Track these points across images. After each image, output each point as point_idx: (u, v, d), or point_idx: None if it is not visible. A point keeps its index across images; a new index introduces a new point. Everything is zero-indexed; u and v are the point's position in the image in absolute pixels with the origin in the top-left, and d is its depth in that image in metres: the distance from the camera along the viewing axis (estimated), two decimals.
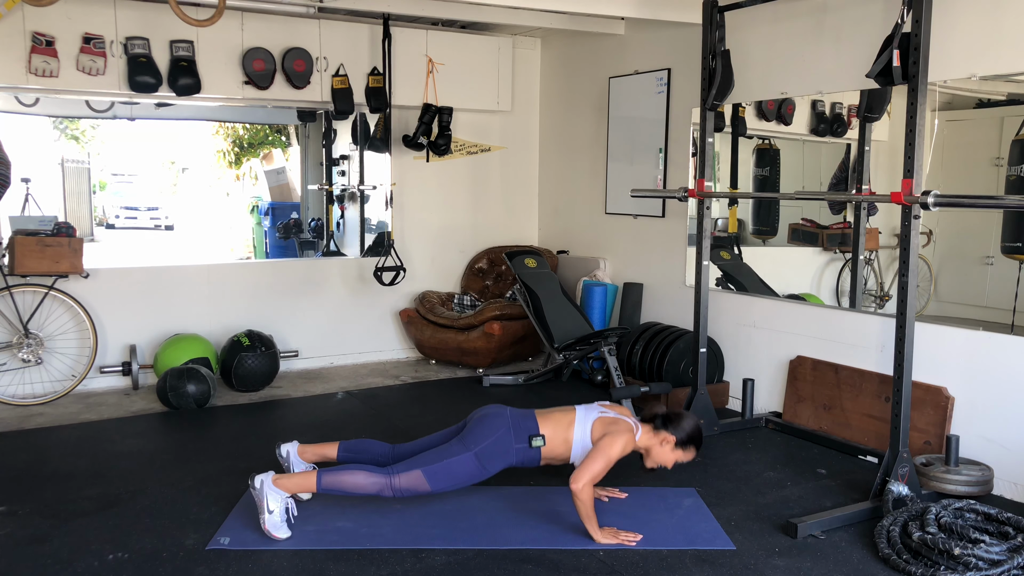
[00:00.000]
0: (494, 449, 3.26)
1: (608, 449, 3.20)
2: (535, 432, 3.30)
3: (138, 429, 4.65)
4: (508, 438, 3.28)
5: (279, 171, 10.91)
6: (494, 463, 3.27)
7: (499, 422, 3.31)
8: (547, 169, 6.96)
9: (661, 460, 3.36)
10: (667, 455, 3.35)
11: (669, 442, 3.33)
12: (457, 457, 3.23)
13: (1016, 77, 3.84)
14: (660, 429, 3.34)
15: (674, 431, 3.33)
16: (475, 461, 3.24)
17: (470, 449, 3.25)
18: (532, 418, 3.36)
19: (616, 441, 3.22)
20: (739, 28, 4.74)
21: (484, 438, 3.27)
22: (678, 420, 3.35)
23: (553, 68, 6.79)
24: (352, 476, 3.23)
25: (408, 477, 3.21)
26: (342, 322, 6.27)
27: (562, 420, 3.35)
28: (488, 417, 3.35)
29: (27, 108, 6.76)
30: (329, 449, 3.55)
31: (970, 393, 3.85)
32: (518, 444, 3.28)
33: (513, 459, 3.30)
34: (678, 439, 3.33)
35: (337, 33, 5.88)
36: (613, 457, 3.21)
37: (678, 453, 3.36)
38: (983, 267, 4.83)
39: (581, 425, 3.32)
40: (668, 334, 5.17)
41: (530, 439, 3.29)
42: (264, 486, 3.15)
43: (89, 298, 5.33)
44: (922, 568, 2.89)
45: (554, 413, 3.40)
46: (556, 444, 3.31)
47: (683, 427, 3.34)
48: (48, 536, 3.20)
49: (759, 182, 5.52)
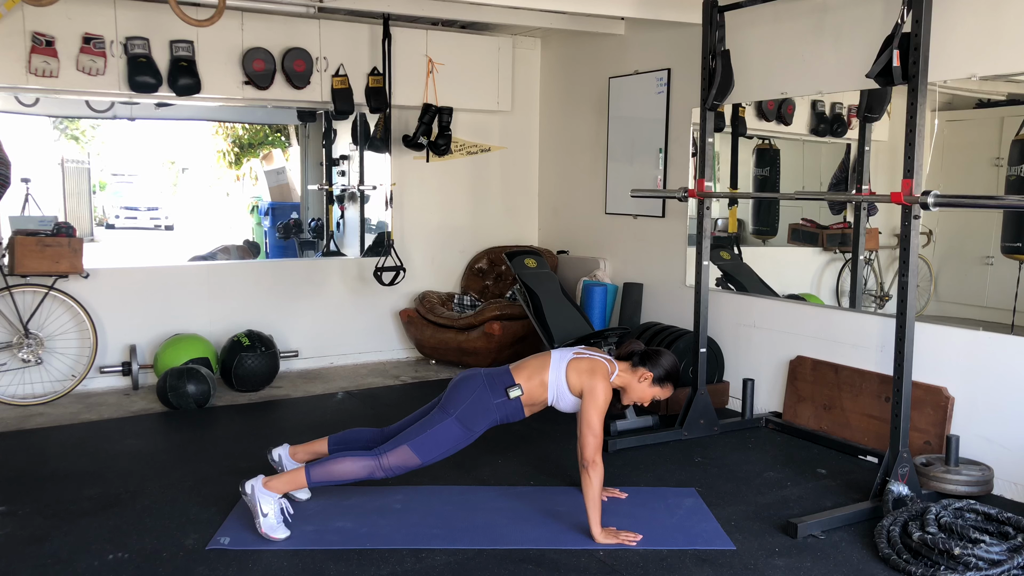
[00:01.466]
0: (474, 409, 3.29)
1: (592, 402, 3.21)
2: (511, 383, 3.32)
3: (138, 429, 4.65)
4: (486, 395, 3.30)
5: (279, 171, 10.91)
6: (478, 422, 3.30)
7: (474, 382, 3.34)
8: (547, 169, 6.96)
9: (638, 396, 3.37)
10: (645, 391, 3.36)
11: (647, 378, 3.35)
12: (440, 425, 3.27)
13: (1016, 77, 3.84)
14: (638, 366, 3.36)
15: (652, 367, 3.35)
16: (458, 425, 3.27)
17: (451, 414, 3.28)
18: (506, 371, 3.38)
19: (595, 390, 3.23)
20: (739, 28, 4.74)
21: (463, 400, 3.30)
22: (656, 356, 3.37)
23: (553, 68, 6.79)
24: (340, 464, 3.24)
25: (396, 454, 3.24)
26: (342, 322, 6.27)
27: (536, 364, 3.38)
28: (463, 380, 3.39)
29: (27, 108, 6.77)
30: (319, 445, 3.56)
31: (970, 393, 3.85)
32: (496, 399, 3.30)
33: (496, 415, 3.32)
34: (656, 375, 3.35)
35: (337, 33, 5.88)
36: (601, 405, 3.22)
37: (655, 389, 3.38)
38: (983, 267, 4.83)
39: (556, 366, 3.34)
40: (668, 334, 5.17)
41: (507, 390, 3.31)
42: (255, 491, 3.15)
43: (89, 298, 5.34)
44: (922, 568, 2.89)
45: (528, 361, 3.43)
46: (533, 388, 3.33)
47: (661, 363, 3.36)
48: (48, 536, 3.20)
49: (759, 182, 5.52)
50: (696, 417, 4.51)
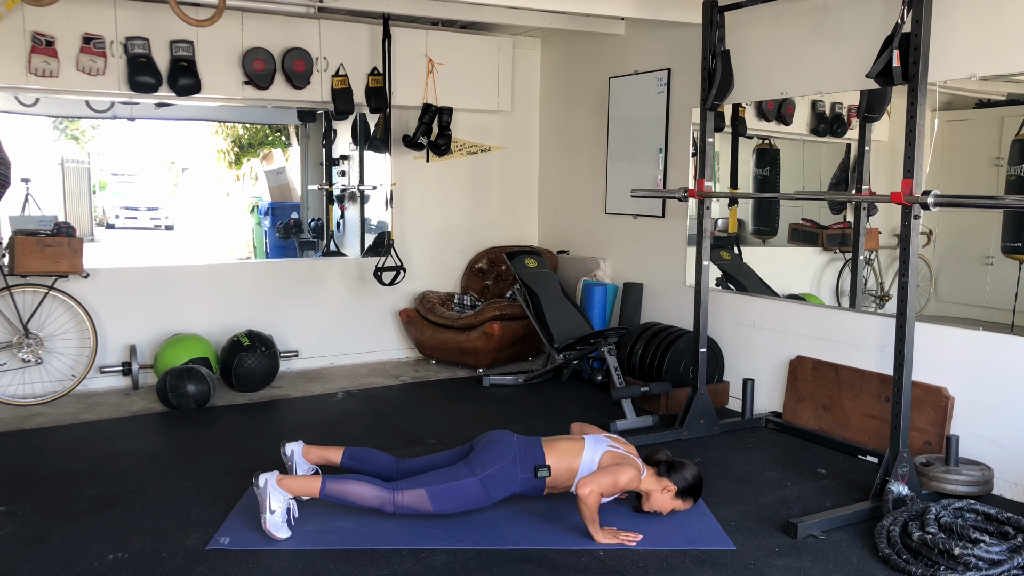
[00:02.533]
0: (499, 476, 3.27)
1: (618, 472, 3.24)
2: (541, 463, 3.30)
3: (138, 429, 4.65)
4: (514, 467, 3.29)
5: (279, 171, 10.91)
6: (498, 490, 3.28)
7: (506, 450, 3.31)
8: (547, 169, 6.96)
9: (659, 506, 3.38)
10: (666, 502, 3.37)
11: (670, 491, 3.35)
12: (462, 481, 3.24)
13: (1016, 77, 3.84)
14: (663, 476, 3.36)
15: (676, 480, 3.35)
16: (480, 487, 3.25)
17: (476, 474, 3.25)
18: (539, 447, 3.35)
19: (627, 470, 3.26)
20: (739, 28, 4.74)
21: (490, 464, 3.28)
22: (681, 469, 3.37)
23: (553, 68, 6.79)
24: (356, 487, 3.24)
25: (412, 495, 3.23)
26: (342, 322, 6.27)
27: (569, 450, 3.35)
28: (495, 444, 3.35)
29: (27, 108, 6.77)
30: (333, 453, 3.55)
31: (970, 393, 3.85)
32: (524, 474, 3.29)
33: (517, 488, 3.32)
34: (679, 488, 3.36)
35: (337, 33, 5.88)
36: (620, 482, 3.24)
37: (677, 502, 3.38)
38: (983, 267, 4.84)
39: (588, 458, 3.32)
40: (668, 334, 5.17)
41: (536, 469, 3.29)
42: (268, 485, 3.16)
43: (89, 298, 5.34)
44: (922, 568, 2.89)
45: (561, 443, 3.40)
46: (560, 472, 3.32)
47: (685, 476, 3.36)
48: (48, 536, 3.20)
49: (759, 182, 5.52)
50: (696, 417, 4.51)
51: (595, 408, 5.08)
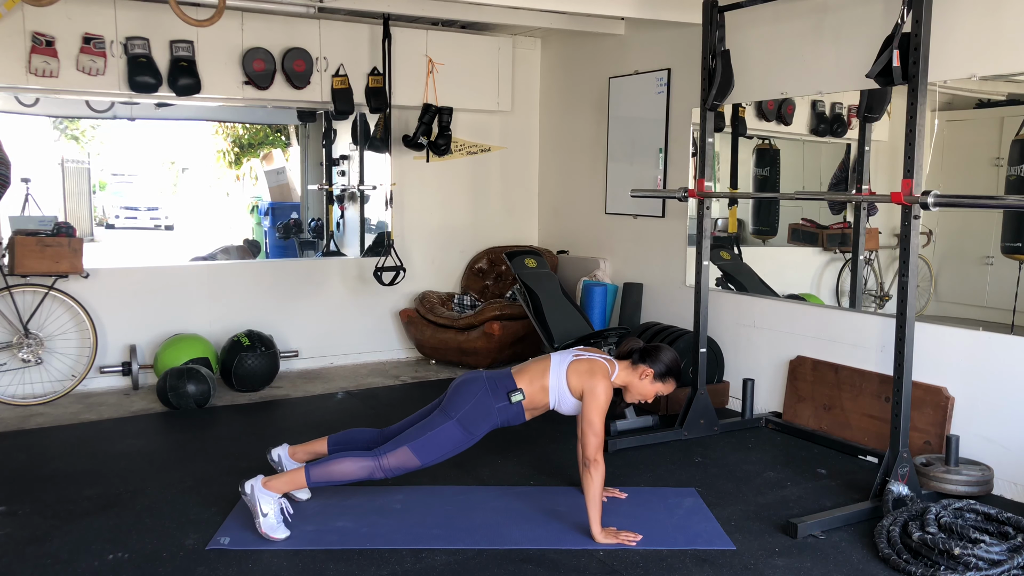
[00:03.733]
0: (476, 412, 3.29)
1: (594, 402, 3.22)
2: (513, 388, 3.33)
3: (138, 429, 4.65)
4: (487, 399, 3.31)
5: (279, 171, 10.91)
6: (478, 426, 3.30)
7: (476, 386, 3.35)
8: (547, 169, 6.96)
9: (640, 394, 3.37)
10: (647, 388, 3.36)
11: (648, 375, 3.35)
12: (441, 427, 3.27)
13: (1016, 77, 3.84)
14: (638, 363, 3.36)
15: (652, 364, 3.35)
16: (459, 427, 3.27)
17: (452, 417, 3.28)
18: (508, 375, 3.38)
19: (596, 390, 3.24)
20: (739, 28, 4.74)
21: (464, 403, 3.30)
22: (656, 352, 3.37)
23: (553, 68, 6.79)
24: (340, 464, 3.24)
25: (396, 456, 3.24)
26: (342, 322, 6.27)
27: (537, 369, 3.38)
28: (465, 383, 3.39)
29: (27, 108, 6.77)
30: (319, 445, 3.56)
31: (970, 393, 3.85)
32: (498, 403, 3.31)
33: (496, 419, 3.33)
34: (656, 371, 3.35)
35: (337, 33, 5.88)
36: (602, 405, 3.23)
37: (657, 385, 3.37)
38: (983, 267, 4.83)
39: (556, 370, 3.34)
40: (668, 334, 5.17)
41: (509, 395, 3.31)
42: (255, 490, 3.16)
43: (89, 298, 5.34)
44: (922, 568, 2.89)
45: (529, 365, 3.43)
46: (534, 392, 3.34)
47: (661, 359, 3.35)
48: (48, 536, 3.20)
49: (759, 182, 5.52)
50: (696, 417, 4.51)
51: None
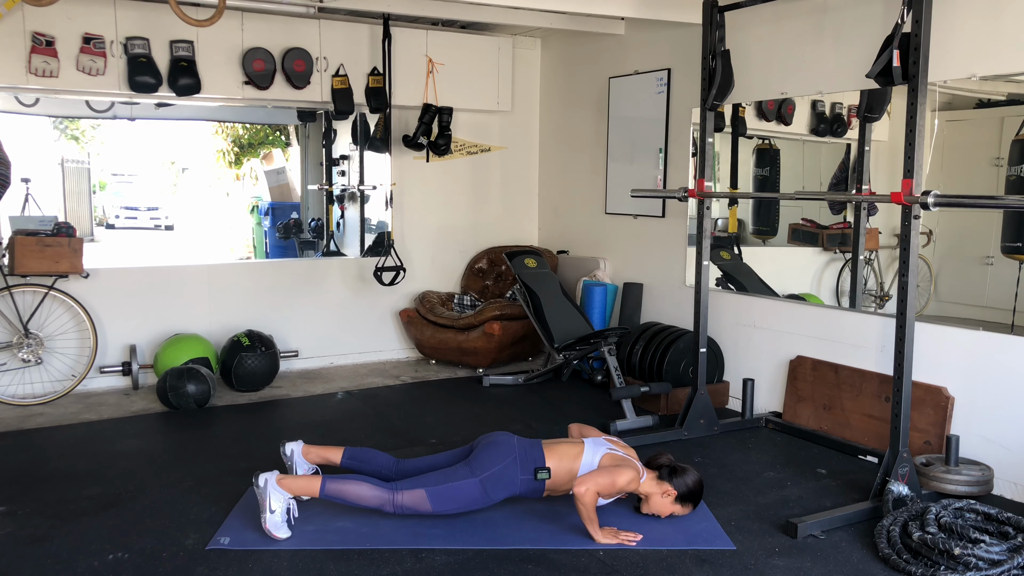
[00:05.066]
0: (499, 478, 3.27)
1: (616, 473, 3.24)
2: (541, 464, 3.31)
3: (138, 429, 4.65)
4: (514, 469, 3.29)
5: (279, 171, 10.91)
6: (498, 491, 3.29)
7: (506, 451, 3.32)
8: (547, 169, 6.96)
9: (658, 509, 3.38)
10: (666, 506, 3.37)
11: (670, 495, 3.35)
12: (462, 482, 3.25)
13: (1016, 77, 3.84)
14: (664, 480, 3.36)
15: (677, 485, 3.35)
16: (479, 487, 3.25)
17: (476, 475, 3.26)
18: (539, 449, 3.36)
19: (625, 472, 3.26)
20: (739, 28, 4.74)
21: (491, 466, 3.28)
22: (682, 474, 3.37)
23: (553, 68, 6.79)
24: (356, 487, 3.24)
25: (411, 495, 3.23)
26: (342, 322, 6.27)
27: (569, 452, 3.36)
28: (496, 445, 3.36)
29: (27, 108, 6.76)
30: (333, 453, 3.56)
31: (970, 393, 3.85)
32: (523, 475, 3.30)
33: (517, 489, 3.32)
34: (679, 493, 3.35)
35: (337, 33, 5.88)
36: (618, 483, 3.24)
37: (676, 507, 3.38)
38: (983, 267, 4.83)
39: (588, 458, 3.33)
40: (668, 334, 5.17)
41: (536, 471, 3.30)
42: (268, 485, 3.16)
43: (89, 298, 5.33)
44: (922, 568, 2.89)
45: (561, 446, 3.40)
46: (560, 475, 3.32)
47: (686, 482, 3.36)
48: (48, 536, 3.20)
49: (759, 182, 5.52)
50: (696, 417, 4.51)
51: (595, 408, 5.08)
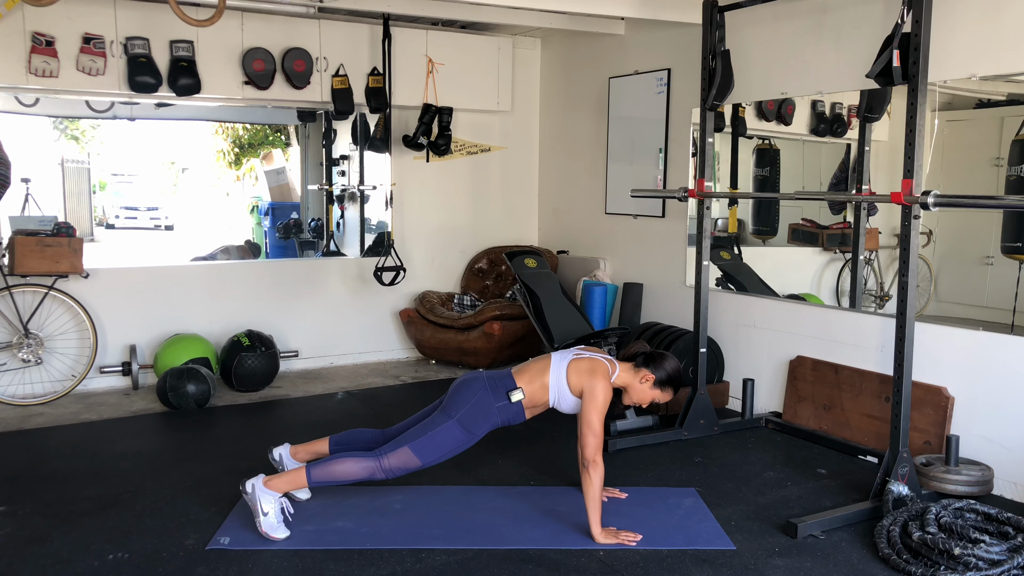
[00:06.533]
0: (476, 412, 3.30)
1: (592, 402, 3.22)
2: (512, 387, 3.34)
3: (138, 429, 4.65)
4: (487, 398, 3.32)
5: (279, 171, 10.91)
6: (479, 426, 3.31)
7: (476, 385, 3.36)
8: (547, 169, 6.96)
9: (638, 398, 3.38)
10: (645, 393, 3.37)
11: (648, 380, 3.36)
12: (441, 427, 3.29)
13: (1016, 77, 3.84)
14: (640, 367, 3.37)
15: (654, 369, 3.36)
16: (459, 427, 3.28)
17: (452, 417, 3.29)
18: (508, 375, 3.40)
19: (595, 390, 3.24)
20: (739, 28, 4.74)
21: (464, 403, 3.32)
22: (660, 359, 3.38)
23: (553, 68, 6.79)
24: (341, 464, 3.25)
25: (396, 456, 3.25)
26: (342, 322, 6.27)
27: (536, 367, 3.40)
28: (465, 383, 3.40)
29: (27, 108, 6.77)
30: (320, 445, 3.57)
31: (970, 393, 3.85)
32: (498, 402, 3.32)
33: (497, 418, 3.34)
34: (657, 377, 3.36)
35: (337, 33, 5.88)
36: (601, 405, 3.23)
37: (656, 392, 3.38)
38: (983, 267, 4.84)
39: (556, 368, 3.35)
40: (668, 334, 5.17)
41: (508, 394, 3.33)
42: (256, 489, 3.16)
43: (89, 298, 5.33)
44: (922, 568, 2.89)
45: (529, 364, 3.45)
46: (534, 391, 3.35)
47: (664, 366, 3.37)
48: (48, 536, 3.20)
49: (759, 182, 5.52)
50: (696, 417, 4.51)
51: None
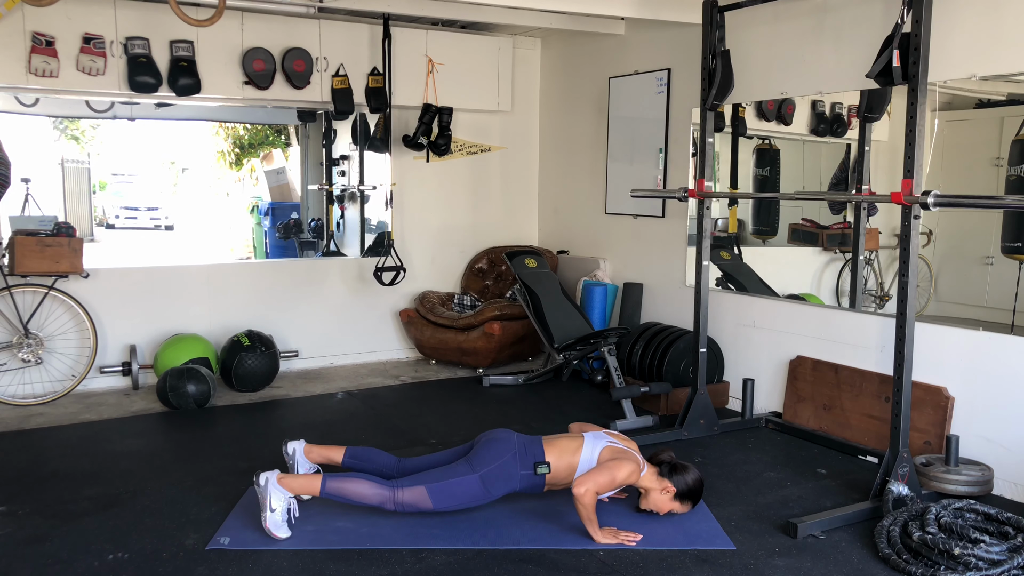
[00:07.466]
0: (499, 473, 3.28)
1: (616, 468, 3.23)
2: (541, 459, 3.32)
3: (138, 429, 4.65)
4: (514, 464, 3.30)
5: (279, 171, 10.92)
6: (498, 487, 3.29)
7: (506, 447, 3.33)
8: (547, 169, 6.96)
9: (656, 505, 3.38)
10: (664, 503, 3.37)
11: (669, 492, 3.35)
12: (462, 478, 3.26)
13: (1016, 77, 3.84)
14: (664, 477, 3.36)
15: (677, 482, 3.35)
16: (479, 484, 3.26)
17: (476, 471, 3.27)
18: (539, 444, 3.37)
19: (624, 465, 3.25)
20: (739, 28, 4.74)
21: (490, 461, 3.29)
22: (683, 472, 3.37)
23: (553, 68, 6.79)
24: (357, 485, 3.25)
25: (412, 492, 3.23)
26: (342, 322, 6.27)
27: (568, 447, 3.36)
28: (496, 441, 3.37)
29: (27, 108, 6.77)
30: (335, 453, 3.56)
31: (970, 393, 3.85)
32: (523, 471, 3.30)
33: (517, 485, 3.33)
34: (679, 491, 3.35)
35: (337, 33, 5.88)
36: (618, 478, 3.23)
37: (675, 504, 3.38)
38: (983, 267, 4.84)
39: (588, 452, 3.33)
40: (668, 334, 5.17)
41: (535, 466, 3.30)
42: (268, 484, 3.16)
43: (89, 298, 5.33)
44: (922, 568, 2.89)
45: (561, 440, 3.41)
46: (560, 470, 3.33)
47: (686, 479, 3.36)
48: (48, 536, 3.20)
49: (759, 182, 5.52)
50: (696, 417, 4.51)
51: (595, 408, 5.08)
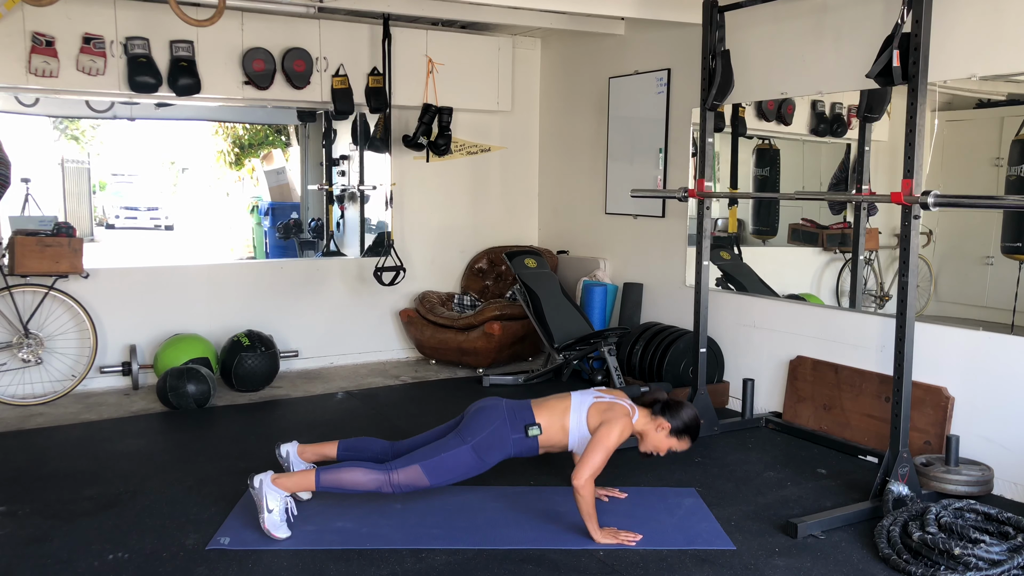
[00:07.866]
0: (491, 440, 3.27)
1: (606, 439, 3.20)
2: (531, 421, 3.31)
3: (138, 429, 4.65)
4: (504, 429, 3.29)
5: (279, 171, 10.91)
6: (492, 454, 3.28)
7: (495, 413, 3.33)
8: (547, 169, 6.96)
9: (655, 446, 3.36)
10: (661, 441, 3.34)
11: (664, 428, 3.33)
12: (454, 450, 3.25)
13: (1016, 77, 3.84)
14: (658, 415, 3.35)
15: (671, 419, 3.33)
16: (472, 453, 3.25)
17: (467, 442, 3.26)
18: (528, 408, 3.36)
19: (613, 429, 3.22)
20: (739, 28, 4.74)
21: (481, 430, 3.28)
22: (677, 408, 3.36)
23: (553, 68, 6.79)
24: (351, 473, 3.24)
25: (406, 472, 3.23)
26: (342, 322, 6.27)
27: (557, 407, 3.36)
28: (484, 409, 3.37)
29: (27, 108, 6.77)
30: (329, 448, 3.56)
31: (970, 393, 3.85)
32: (515, 434, 3.29)
33: (511, 450, 3.31)
34: (674, 427, 3.33)
35: (337, 33, 5.88)
36: (611, 446, 3.21)
37: (672, 441, 3.35)
38: (983, 267, 4.84)
39: (577, 411, 3.33)
40: (668, 334, 5.17)
41: (526, 428, 3.30)
42: (263, 485, 3.16)
43: (89, 298, 5.33)
44: (922, 568, 2.89)
45: (550, 401, 3.41)
46: (553, 432, 3.32)
47: (681, 416, 3.35)
48: (48, 536, 3.20)
49: (759, 182, 5.52)
50: None
51: None
